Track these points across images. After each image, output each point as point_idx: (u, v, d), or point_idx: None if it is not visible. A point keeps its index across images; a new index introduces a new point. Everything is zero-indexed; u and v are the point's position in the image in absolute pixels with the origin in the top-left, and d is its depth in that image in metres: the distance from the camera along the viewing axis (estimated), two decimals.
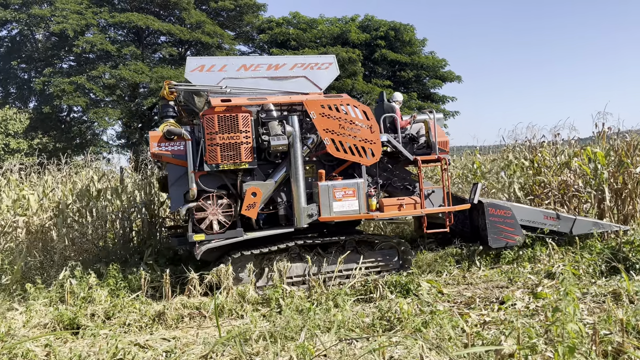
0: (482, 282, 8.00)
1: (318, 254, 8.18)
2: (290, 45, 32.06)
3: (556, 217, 8.98)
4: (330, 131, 8.00)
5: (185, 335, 6.17)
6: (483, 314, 6.20)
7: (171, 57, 31.07)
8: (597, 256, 8.08)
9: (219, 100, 7.77)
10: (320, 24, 33.57)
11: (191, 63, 8.04)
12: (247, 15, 33.77)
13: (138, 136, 30.23)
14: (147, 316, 6.62)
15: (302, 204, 7.97)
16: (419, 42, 33.97)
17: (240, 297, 7.27)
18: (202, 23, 30.33)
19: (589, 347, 4.32)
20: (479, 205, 8.86)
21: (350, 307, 6.74)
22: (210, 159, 7.65)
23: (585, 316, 5.68)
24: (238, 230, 7.79)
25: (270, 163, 8.24)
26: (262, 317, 6.60)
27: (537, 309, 6.16)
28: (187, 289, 7.38)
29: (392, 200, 8.37)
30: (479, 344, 4.83)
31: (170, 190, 7.97)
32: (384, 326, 5.84)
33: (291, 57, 8.55)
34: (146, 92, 29.26)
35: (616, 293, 6.49)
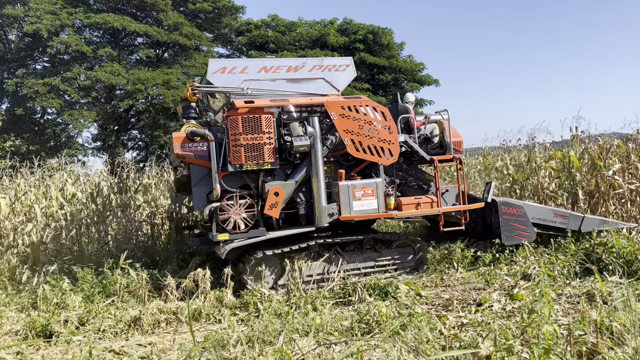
0: (460, 284, 8.06)
1: (337, 252, 8.32)
2: (269, 48, 31.99)
3: (566, 215, 9.21)
4: (350, 132, 8.17)
5: (161, 340, 6.08)
6: (461, 315, 6.24)
7: (148, 58, 30.72)
8: (571, 258, 8.20)
9: (242, 101, 7.87)
10: (299, 26, 33.57)
11: (213, 65, 8.12)
12: (225, 17, 33.60)
13: (114, 139, 29.80)
14: (122, 322, 6.50)
15: (323, 203, 8.10)
16: (397, 46, 34.23)
17: (218, 301, 7.20)
18: (180, 25, 30.07)
19: (564, 348, 4.37)
20: (492, 204, 9.07)
21: (329, 310, 6.72)
22: (235, 160, 7.76)
23: (560, 317, 5.75)
24: (261, 229, 7.91)
25: (289, 163, 8.37)
26: (241, 322, 6.54)
27: (513, 311, 6.22)
28: (164, 294, 7.27)
29: (410, 199, 8.53)
30: (456, 346, 4.85)
31: (193, 191, 8.05)
32: (363, 329, 5.83)
33: (310, 59, 8.71)
34: (122, 94, 28.86)
35: (590, 294, 6.59)
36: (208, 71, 8.09)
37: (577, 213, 9.45)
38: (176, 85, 28.55)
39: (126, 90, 27.82)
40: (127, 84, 27.05)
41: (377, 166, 8.59)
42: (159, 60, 31.98)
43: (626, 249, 7.64)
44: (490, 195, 9.08)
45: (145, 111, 29.87)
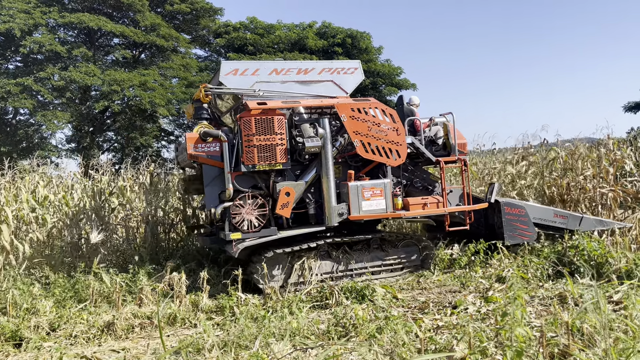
0: (436, 286, 8.12)
1: (345, 251, 8.50)
2: (247, 50, 31.90)
3: (565, 216, 9.47)
4: (360, 133, 8.32)
5: (135, 346, 5.98)
6: (436, 318, 6.28)
7: (125, 59, 30.34)
8: (544, 260, 8.34)
9: (255, 103, 8.00)
10: (277, 29, 33.56)
11: (225, 67, 8.21)
12: (203, 19, 33.40)
13: (89, 140, 29.32)
14: (95, 327, 6.38)
15: (332, 203, 8.25)
16: (375, 50, 34.46)
17: (194, 305, 7.13)
18: (157, 26, 29.78)
19: (536, 350, 4.43)
20: (495, 204, 9.26)
21: (306, 314, 6.71)
22: (248, 160, 7.88)
23: (533, 319, 5.83)
24: (272, 228, 8.03)
25: (299, 164, 8.49)
26: (216, 326, 6.48)
27: (488, 313, 6.29)
28: (138, 298, 7.17)
29: (417, 200, 8.72)
30: (432, 349, 4.88)
31: (205, 191, 8.12)
32: (339, 333, 5.83)
33: (319, 62, 8.94)
34: (98, 95, 28.43)
35: (562, 296, 6.71)
36: (220, 73, 8.17)
37: (576, 213, 9.72)
38: (153, 87, 28.24)
39: (102, 91, 27.42)
40: (102, 84, 26.66)
41: (384, 167, 8.78)
42: (136, 62, 31.61)
43: (597, 252, 7.79)
44: (494, 196, 9.29)
45: (121, 113, 29.47)
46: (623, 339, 4.20)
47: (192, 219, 10.85)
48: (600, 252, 7.77)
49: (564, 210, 9.90)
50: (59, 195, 10.97)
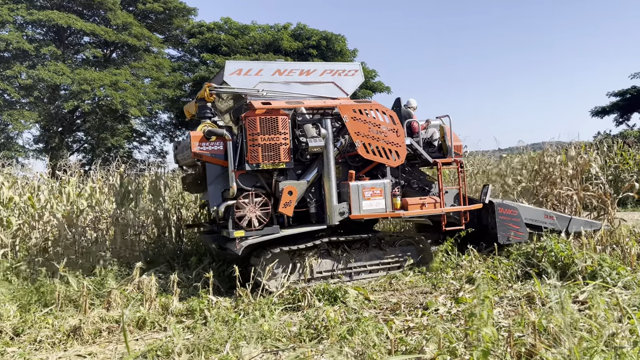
0: (408, 287, 8.17)
1: (344, 250, 8.65)
2: (221, 51, 31.68)
3: (554, 217, 9.82)
4: (361, 134, 8.46)
5: (102, 350, 5.86)
6: (407, 319, 6.32)
7: (95, 58, 29.83)
8: (514, 261, 8.48)
9: (260, 102, 8.09)
10: (252, 30, 33.42)
11: (230, 67, 8.28)
12: (176, 18, 33.06)
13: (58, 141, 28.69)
14: (61, 332, 6.22)
15: (334, 202, 8.36)
16: (350, 53, 34.61)
17: (164, 308, 7.01)
18: (129, 25, 29.35)
19: (504, 350, 4.50)
20: (489, 205, 9.48)
21: (278, 316, 6.67)
22: (252, 159, 7.95)
23: (501, 319, 5.92)
24: (274, 227, 8.10)
25: (300, 163, 8.54)
26: (187, 329, 6.39)
27: (458, 314, 6.36)
28: (106, 301, 7.02)
29: (415, 200, 8.92)
30: (402, 350, 4.91)
31: (209, 189, 8.15)
32: (311, 335, 5.82)
33: (321, 63, 9.13)
34: (67, 94, 27.85)
35: (530, 296, 6.82)
36: (225, 72, 8.23)
37: (565, 215, 10.09)
38: (124, 87, 27.79)
39: (71, 91, 26.89)
40: (72, 84, 26.15)
41: (383, 168, 8.93)
42: (107, 61, 31.09)
43: (563, 253, 7.96)
44: (488, 197, 9.50)
45: (91, 113, 28.93)
46: (587, 338, 4.30)
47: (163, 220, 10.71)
48: (566, 254, 7.94)
49: (554, 211, 10.25)
50: (25, 197, 10.69)
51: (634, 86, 35.39)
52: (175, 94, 31.11)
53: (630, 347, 4.13)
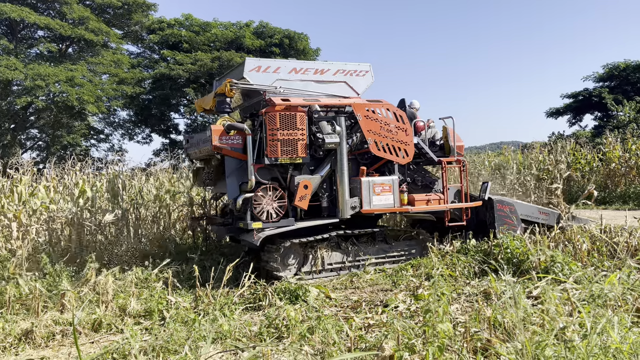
0: (369, 285, 8.25)
1: (353, 243, 9.14)
2: (182, 48, 31.21)
3: (547, 213, 10.59)
4: (373, 132, 8.92)
5: (56, 354, 5.68)
6: (368, 317, 6.37)
7: (50, 53, 28.87)
8: (471, 258, 8.67)
9: (279, 99, 8.44)
10: (214, 27, 33.05)
11: (249, 63, 8.59)
12: (135, 14, 32.34)
13: (10, 138, 27.64)
14: (12, 335, 6.00)
15: (346, 197, 8.78)
16: (313, 52, 34.67)
17: (121, 310, 6.85)
18: (85, 19, 28.54)
19: (460, 345, 4.60)
20: (487, 201, 10.04)
21: (239, 316, 6.62)
22: (271, 153, 8.28)
23: (458, 315, 6.05)
24: (290, 219, 8.47)
25: (314, 159, 8.88)
26: (145, 331, 6.26)
27: (417, 310, 6.45)
28: (60, 303, 6.81)
29: (421, 196, 9.51)
30: (362, 347, 4.95)
31: (227, 182, 8.47)
32: (272, 334, 5.80)
33: (335, 63, 9.37)
34: (20, 90, 26.85)
35: (487, 292, 6.99)
36: (245, 68, 8.50)
37: (555, 210, 10.84)
38: (81, 83, 27.00)
39: (24, 86, 25.94)
40: (25, 79, 25.24)
41: (391, 165, 9.39)
42: (62, 56, 30.14)
43: (519, 250, 8.19)
44: (487, 194, 10.05)
45: (46, 109, 28.00)
46: (539, 332, 4.43)
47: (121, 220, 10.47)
48: (521, 250, 8.17)
49: (546, 208, 11.01)
50: None
51: (586, 88, 36.73)
52: (134, 91, 30.45)
53: (579, 340, 4.28)
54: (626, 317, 4.82)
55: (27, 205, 10.09)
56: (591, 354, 3.82)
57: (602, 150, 20.45)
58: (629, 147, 19.68)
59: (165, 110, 32.61)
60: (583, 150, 20.92)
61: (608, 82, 35.98)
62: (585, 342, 4.01)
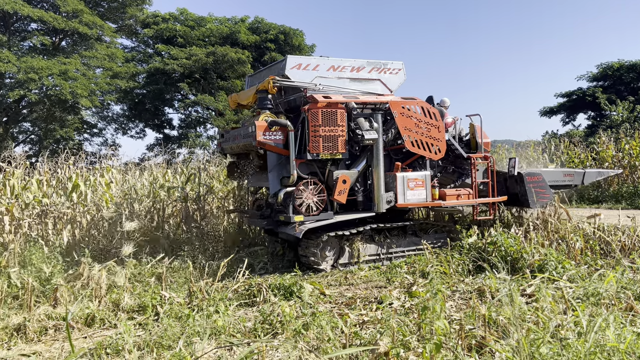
0: (363, 282, 8.25)
1: (386, 236, 9.48)
2: (176, 42, 31.03)
3: (571, 174, 11.00)
4: (408, 129, 9.18)
5: (49, 349, 5.64)
6: (362, 313, 6.38)
7: (43, 46, 28.61)
8: (465, 256, 8.69)
9: (321, 96, 8.65)
10: (209, 22, 32.89)
11: (291, 61, 8.85)
12: (130, 7, 32.11)
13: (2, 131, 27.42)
14: (4, 330, 5.95)
15: (382, 191, 9.04)
16: (308, 48, 34.56)
17: (115, 305, 6.81)
18: (79, 12, 28.29)
19: (455, 342, 4.60)
20: (517, 176, 10.35)
21: (233, 312, 6.60)
22: (313, 149, 8.56)
23: (453, 313, 6.06)
24: (329, 213, 8.77)
25: (350, 155, 9.13)
26: (138, 326, 6.23)
27: (411, 308, 6.46)
28: (53, 298, 6.76)
29: (452, 191, 9.80)
30: (357, 344, 4.94)
31: (269, 176, 8.69)
32: (266, 330, 5.78)
33: (370, 61, 9.56)
34: (13, 83, 26.60)
35: (481, 290, 7.00)
36: (286, 66, 8.74)
37: (579, 170, 11.24)
38: (75, 77, 26.79)
39: (17, 79, 25.70)
40: (18, 72, 25.01)
41: (422, 160, 9.61)
42: (56, 49, 29.89)
43: (513, 248, 8.22)
44: (516, 169, 10.35)
45: (39, 102, 27.78)
46: (534, 329, 4.44)
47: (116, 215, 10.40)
48: (515, 248, 8.20)
49: (569, 169, 11.66)
50: None
51: (580, 88, 36.88)
52: (128, 85, 30.26)
53: (574, 337, 4.29)
54: (621, 316, 4.85)
55: (20, 199, 10.01)
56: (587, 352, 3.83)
57: (595, 150, 20.53)
58: (622, 147, 19.77)
59: (159, 105, 32.41)
60: (576, 150, 21.02)
61: (602, 82, 36.13)
62: (582, 341, 4.02)
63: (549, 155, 20.28)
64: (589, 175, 11.19)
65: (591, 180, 11.15)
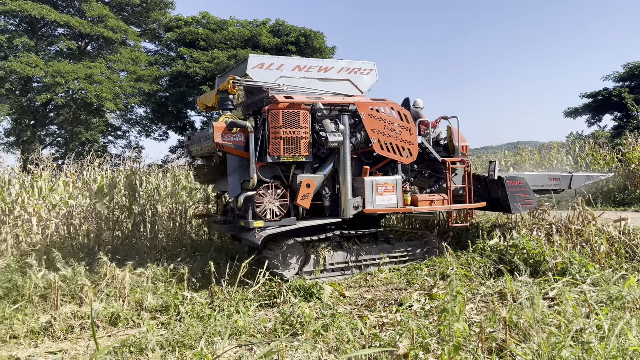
0: (383, 284, 8.24)
1: (355, 243, 9.06)
2: (199, 46, 31.36)
3: (557, 177, 10.41)
4: (377, 131, 8.77)
5: (74, 347, 5.77)
6: (382, 315, 6.38)
7: (69, 50, 29.23)
8: (487, 259, 8.61)
9: (282, 96, 8.31)
10: (230, 25, 33.15)
11: (252, 60, 8.50)
12: (153, 11, 32.61)
13: (30, 134, 28.06)
14: (31, 328, 6.11)
15: (349, 196, 8.61)
16: (329, 50, 34.61)
17: (138, 304, 6.94)
18: (104, 17, 28.84)
19: (475, 345, 4.58)
20: (498, 180, 9.87)
21: (253, 312, 6.66)
22: (274, 151, 8.14)
23: (473, 315, 6.02)
24: (292, 218, 8.36)
25: (317, 158, 8.76)
26: (161, 325, 6.34)
27: (431, 310, 6.44)
28: (79, 297, 6.92)
29: (425, 196, 9.37)
30: (376, 345, 4.96)
31: (229, 180, 8.36)
32: (286, 331, 5.83)
33: (339, 61, 9.35)
34: (40, 86, 27.24)
35: (502, 293, 6.95)
36: (248, 65, 8.40)
37: (565, 173, 10.68)
38: (99, 80, 27.30)
39: (44, 83, 26.32)
40: (45, 76, 25.59)
41: (394, 164, 9.22)
42: (82, 53, 30.50)
43: (535, 250, 8.12)
44: (496, 173, 9.93)
45: (65, 106, 28.37)
46: (555, 333, 4.40)
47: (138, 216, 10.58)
48: (538, 251, 8.10)
49: (556, 173, 10.97)
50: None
51: (606, 88, 36.19)
52: (151, 88, 30.71)
53: (596, 342, 4.24)
54: None
55: (47, 200, 10.25)
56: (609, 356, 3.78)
57: (621, 151, 20.13)
58: None
59: (181, 107, 32.82)
60: (602, 151, 20.63)
61: (628, 82, 35.39)
62: (603, 344, 3.98)
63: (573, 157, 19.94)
64: (577, 180, 10.60)
65: (579, 185, 10.43)
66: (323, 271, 8.66)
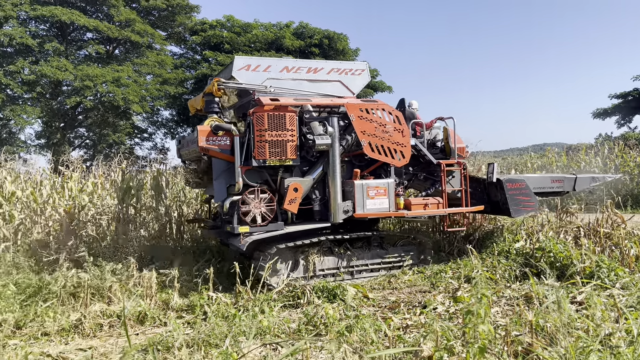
0: (407, 286, 8.22)
1: (347, 248, 8.73)
2: (223, 49, 31.71)
3: (561, 179, 10.03)
4: (367, 133, 8.47)
5: (103, 344, 5.91)
6: (406, 317, 6.37)
7: (98, 55, 29.87)
8: (512, 262, 8.51)
9: (268, 99, 8.05)
10: (254, 28, 33.44)
11: (238, 62, 8.28)
12: (179, 15, 33.10)
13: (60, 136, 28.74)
14: (62, 325, 6.27)
15: (338, 200, 8.36)
16: (352, 52, 34.63)
17: (165, 304, 7.07)
18: (131, 21, 29.40)
19: (501, 348, 4.54)
20: (497, 182, 9.51)
21: (277, 313, 6.72)
22: (259, 155, 7.91)
23: (499, 318, 5.96)
24: (279, 223, 8.13)
25: (306, 161, 8.55)
26: (187, 325, 6.44)
27: (456, 312, 6.40)
28: (107, 296, 7.08)
29: (418, 200, 9.02)
30: (400, 347, 4.95)
31: (214, 184, 8.17)
32: (310, 331, 5.87)
33: (328, 62, 9.22)
34: (70, 90, 27.90)
35: (528, 296, 6.87)
36: (233, 67, 8.20)
37: (569, 175, 10.28)
38: (127, 83, 27.83)
39: (73, 87, 26.96)
40: (74, 80, 26.20)
41: (387, 167, 8.95)
42: (109, 57, 31.13)
43: (562, 254, 8.00)
44: (495, 175, 9.58)
45: (93, 109, 29.01)
46: (583, 337, 4.34)
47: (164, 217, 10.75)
48: (565, 254, 7.98)
49: (560, 174, 10.52)
50: (27, 192, 10.74)
51: (636, 88, 35.39)
52: (177, 91, 31.17)
53: (626, 346, 4.17)
54: None
55: (77, 201, 10.49)
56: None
57: None
58: None
59: None
60: (632, 153, 20.17)
61: None
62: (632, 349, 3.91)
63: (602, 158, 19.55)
64: (581, 181, 10.12)
65: (584, 187, 9.95)
66: (312, 277, 8.34)
